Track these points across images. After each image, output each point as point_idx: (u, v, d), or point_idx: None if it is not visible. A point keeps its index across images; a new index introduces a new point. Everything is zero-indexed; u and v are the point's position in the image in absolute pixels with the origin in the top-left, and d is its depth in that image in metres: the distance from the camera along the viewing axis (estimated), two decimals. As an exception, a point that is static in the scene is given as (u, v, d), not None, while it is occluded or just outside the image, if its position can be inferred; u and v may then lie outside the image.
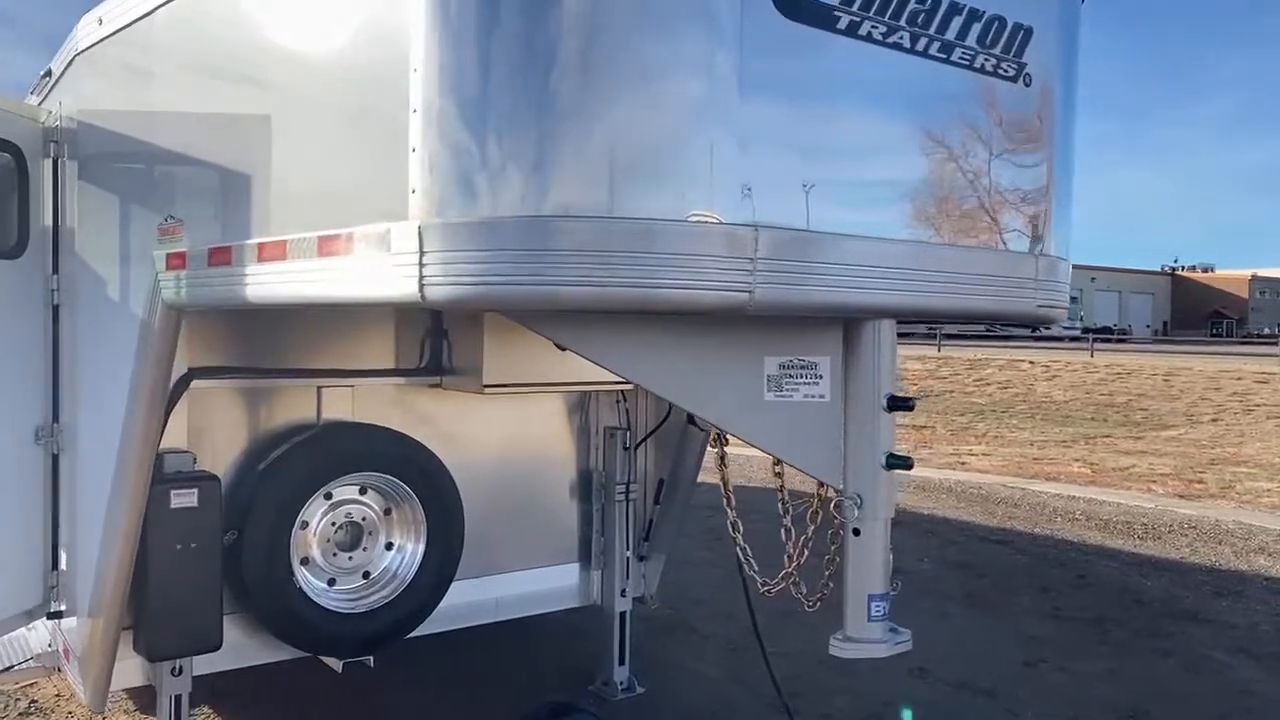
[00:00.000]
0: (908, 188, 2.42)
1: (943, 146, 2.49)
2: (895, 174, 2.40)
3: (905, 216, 2.41)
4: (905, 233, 2.37)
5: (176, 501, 3.52)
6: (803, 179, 2.24)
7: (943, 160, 2.49)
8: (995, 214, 2.58)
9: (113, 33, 3.44)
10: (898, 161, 2.42)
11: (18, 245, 3.85)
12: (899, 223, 2.39)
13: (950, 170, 2.49)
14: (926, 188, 2.46)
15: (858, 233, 2.26)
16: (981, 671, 5.37)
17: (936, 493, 10.79)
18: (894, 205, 2.37)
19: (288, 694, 4.62)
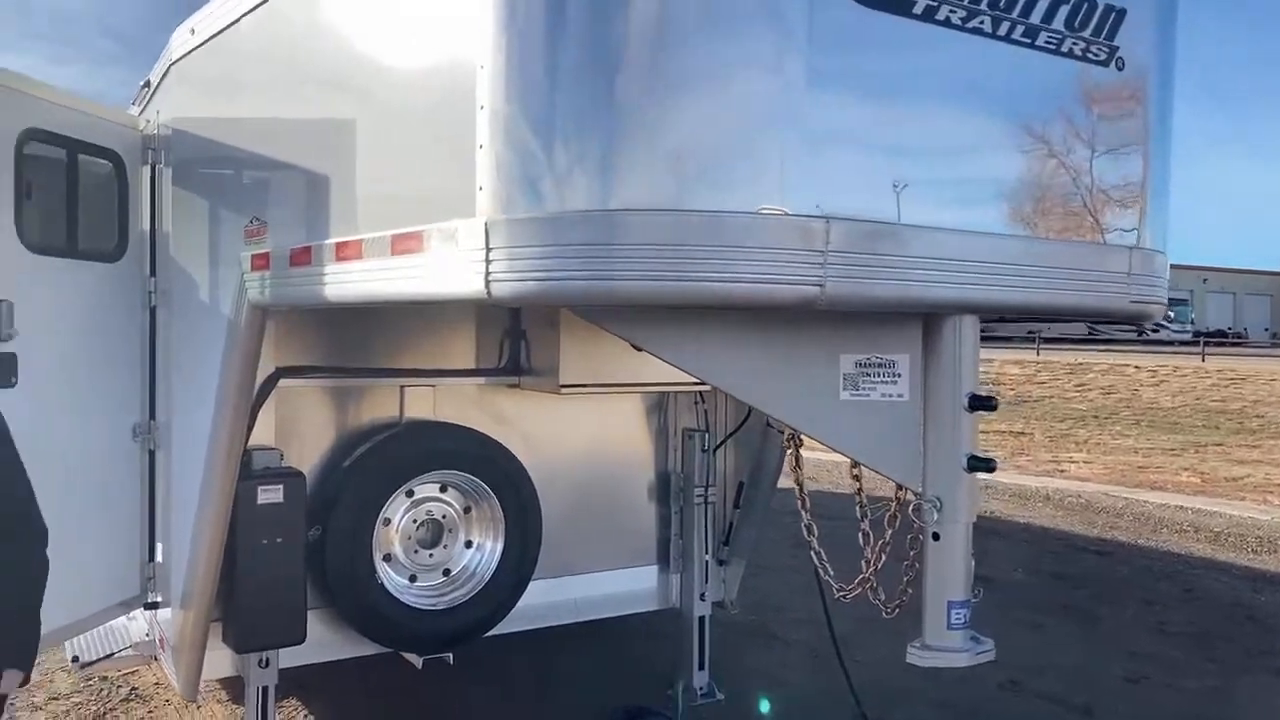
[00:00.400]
0: (988, 179, 2.32)
1: (1028, 135, 2.38)
2: (975, 165, 2.31)
3: (985, 208, 2.31)
4: (984, 225, 2.27)
5: (263, 497, 3.61)
6: (876, 170, 2.16)
7: (1027, 149, 2.38)
8: (1084, 205, 2.45)
9: (203, 42, 3.56)
10: (978, 151, 2.33)
11: (117, 249, 4.01)
12: (978, 214, 2.29)
13: (1035, 160, 2.38)
14: (1009, 179, 2.35)
15: (934, 225, 2.18)
16: (1078, 687, 5.15)
17: (1033, 501, 10.43)
18: (973, 196, 2.28)
19: (370, 690, 4.70)
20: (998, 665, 5.21)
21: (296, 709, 4.59)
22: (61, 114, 3.71)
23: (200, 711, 4.57)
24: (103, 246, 3.98)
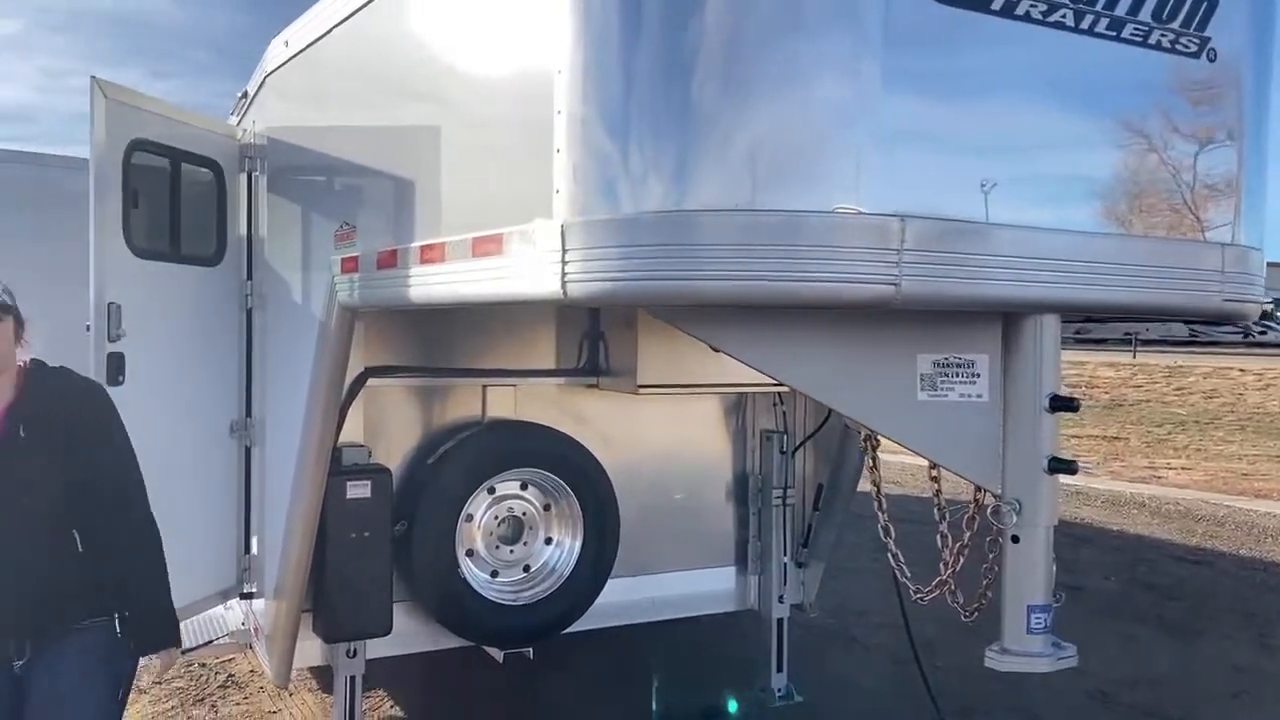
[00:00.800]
0: (1070, 175, 2.27)
1: (1112, 130, 2.33)
2: (1056, 161, 2.27)
3: (1067, 205, 2.27)
4: (1066, 222, 2.23)
5: (351, 492, 3.73)
6: (952, 169, 2.15)
7: (1112, 145, 2.33)
8: (1173, 201, 2.38)
9: (296, 54, 3.70)
10: (1059, 148, 2.28)
11: (217, 254, 4.19)
12: (1059, 212, 2.25)
13: (1120, 155, 2.33)
14: (1092, 175, 2.30)
15: (1012, 223, 2.15)
16: (1171, 700, 4.98)
17: (1127, 508, 10.10)
18: (1054, 193, 2.24)
19: (453, 683, 4.81)
20: (1087, 675, 5.14)
21: (383, 699, 4.73)
22: (165, 125, 3.90)
23: (292, 699, 4.74)
24: (203, 251, 4.17)
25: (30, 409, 2.40)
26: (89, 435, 2.46)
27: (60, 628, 2.44)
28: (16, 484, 2.34)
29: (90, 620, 2.46)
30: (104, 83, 3.55)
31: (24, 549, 2.38)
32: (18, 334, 2.42)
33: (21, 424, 2.37)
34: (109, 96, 3.57)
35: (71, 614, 2.45)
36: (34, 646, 2.42)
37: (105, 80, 3.55)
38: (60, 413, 2.43)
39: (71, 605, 2.45)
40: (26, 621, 2.41)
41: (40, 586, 2.41)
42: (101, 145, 3.54)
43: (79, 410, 2.48)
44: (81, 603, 2.47)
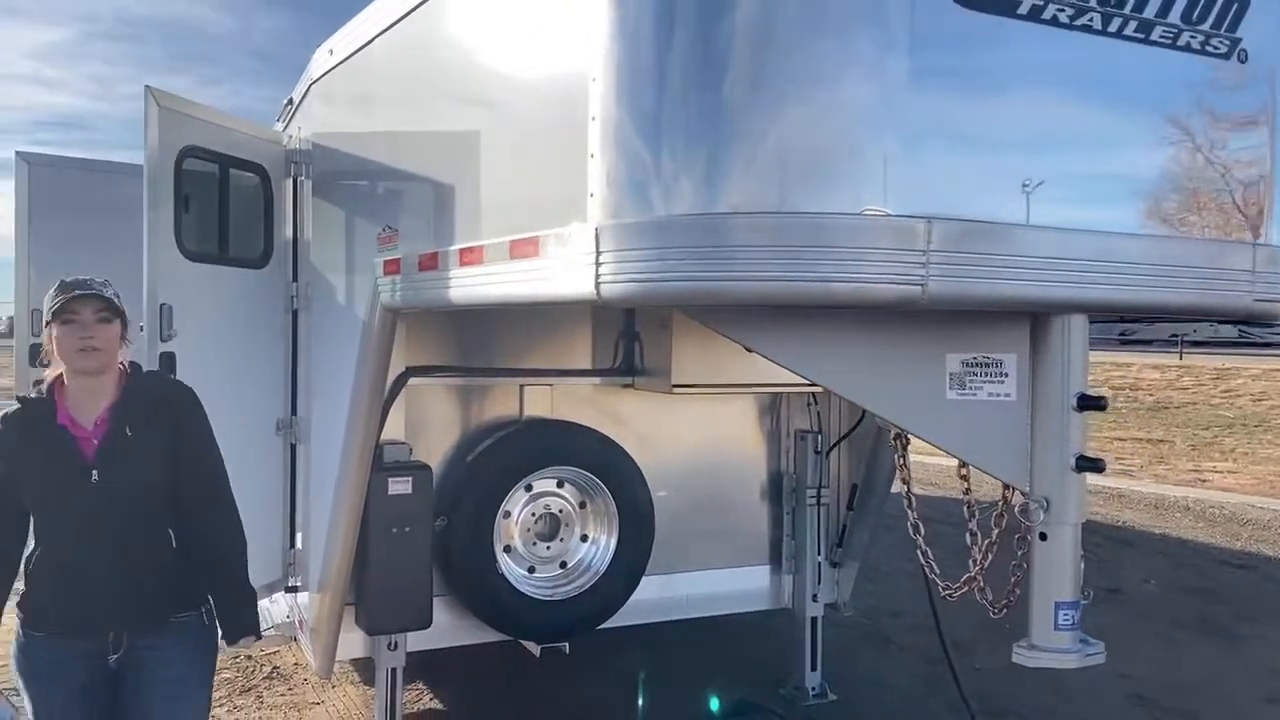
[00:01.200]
0: (1097, 176, 2.29)
1: (1141, 131, 2.34)
2: (1084, 162, 2.28)
3: (1093, 206, 2.29)
4: (1092, 223, 2.24)
5: (393, 489, 3.83)
6: (980, 171, 2.18)
7: (1140, 145, 2.34)
8: (1201, 201, 2.39)
9: (340, 61, 3.81)
10: (1087, 149, 2.30)
11: (264, 256, 4.32)
12: (1086, 212, 2.27)
13: (1148, 156, 2.34)
14: (1120, 176, 2.32)
15: (1039, 223, 2.17)
16: (1211, 705, 4.93)
17: (1171, 511, 9.96)
18: (1081, 194, 2.26)
19: (491, 677, 4.89)
20: (1126, 679, 5.12)
21: (423, 692, 4.82)
22: (215, 132, 4.03)
23: (335, 691, 4.85)
24: (250, 254, 4.30)
25: (132, 409, 2.45)
26: (186, 435, 2.53)
27: (156, 622, 2.49)
28: (120, 481, 2.39)
29: (184, 614, 2.54)
30: (157, 91, 3.68)
31: (124, 545, 2.43)
32: (123, 336, 2.48)
33: (127, 424, 2.42)
34: (162, 105, 3.70)
35: (167, 608, 2.51)
36: (130, 640, 2.47)
37: (158, 89, 3.68)
38: (161, 413, 2.49)
39: (167, 600, 2.51)
40: (124, 616, 2.46)
41: (138, 582, 2.45)
42: (154, 152, 3.67)
43: (177, 411, 2.54)
44: (176, 597, 2.53)
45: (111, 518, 2.40)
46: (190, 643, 2.55)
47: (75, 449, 2.39)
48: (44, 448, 2.40)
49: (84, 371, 2.41)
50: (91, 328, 2.38)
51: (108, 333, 2.41)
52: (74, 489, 2.38)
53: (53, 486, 2.40)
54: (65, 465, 2.39)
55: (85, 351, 2.38)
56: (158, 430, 2.46)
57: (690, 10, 2.20)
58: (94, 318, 2.39)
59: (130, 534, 2.43)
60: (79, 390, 2.44)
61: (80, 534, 2.41)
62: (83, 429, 2.41)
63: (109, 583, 2.42)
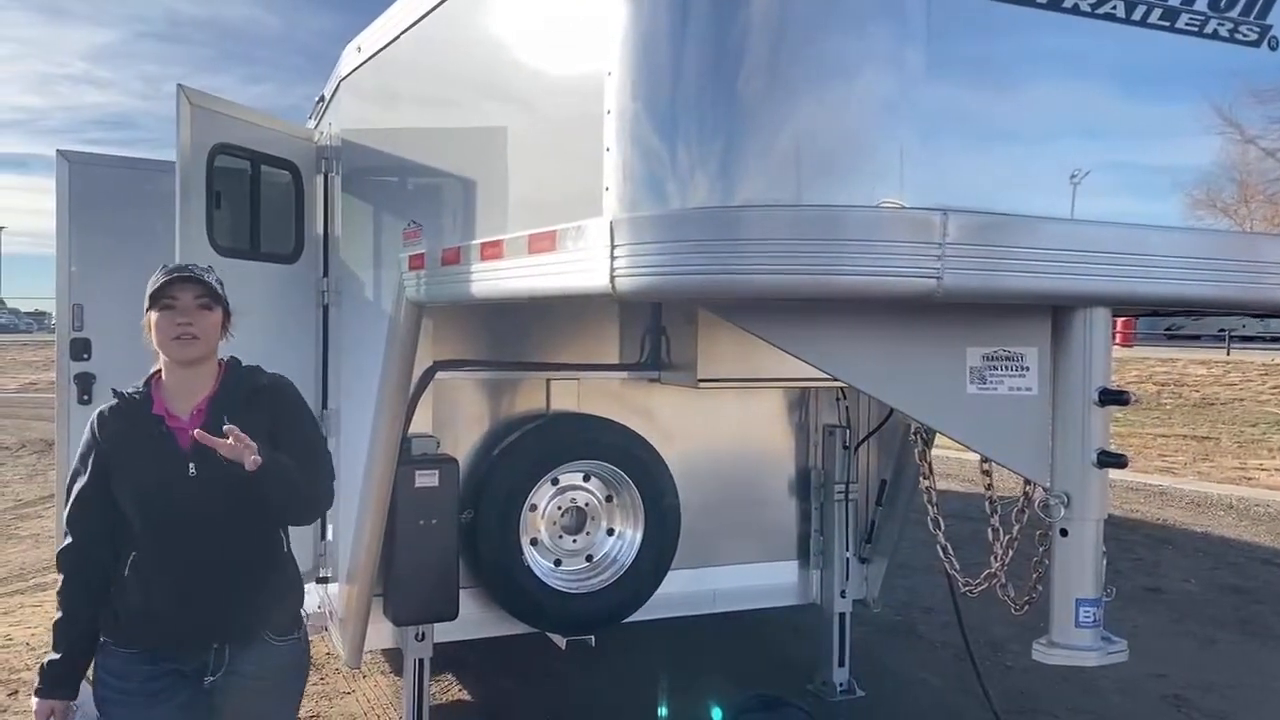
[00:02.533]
0: (1117, 167, 2.25)
1: (1166, 120, 2.30)
2: (1104, 153, 2.25)
3: (1116, 197, 2.25)
4: (1114, 214, 2.21)
5: (420, 481, 3.86)
6: (997, 163, 2.15)
7: (1166, 135, 2.30)
8: (1229, 192, 2.34)
9: (368, 58, 3.85)
10: (1108, 140, 2.26)
11: (295, 252, 4.37)
12: (1107, 204, 2.23)
13: (1172, 146, 2.30)
14: (1143, 167, 2.28)
15: (1057, 215, 2.14)
16: (1248, 707, 4.84)
17: (1214, 509, 9.77)
18: (1101, 185, 2.22)
19: (517, 668, 4.93)
20: (1163, 679, 5.04)
21: (451, 683, 4.87)
22: (246, 129, 4.08)
23: (365, 681, 4.91)
24: (281, 250, 4.35)
25: (230, 399, 2.31)
26: (285, 421, 2.37)
27: (259, 631, 2.33)
28: (218, 472, 2.16)
29: (286, 637, 2.38)
30: (189, 90, 3.74)
31: (226, 543, 2.27)
32: (224, 326, 2.36)
33: (225, 413, 2.23)
34: (194, 103, 3.76)
35: (273, 617, 2.35)
36: (231, 658, 2.31)
37: (190, 88, 3.74)
38: (260, 400, 2.35)
39: (273, 606, 2.35)
40: (228, 625, 2.30)
41: (243, 582, 2.29)
42: (186, 149, 3.73)
43: (275, 396, 2.40)
44: (282, 606, 2.38)
45: (211, 513, 2.24)
46: (289, 673, 2.41)
47: (172, 440, 2.25)
48: (140, 441, 2.26)
49: (180, 361, 2.28)
50: (190, 314, 2.26)
51: (207, 320, 2.29)
52: (172, 482, 2.23)
53: (150, 481, 2.24)
54: (162, 458, 2.24)
55: (182, 339, 2.25)
56: (256, 418, 2.26)
57: (705, 3, 2.20)
58: (194, 303, 2.26)
59: (232, 530, 2.26)
60: (176, 381, 2.31)
61: (179, 532, 2.24)
62: (179, 420, 2.27)
63: (212, 587, 2.26)
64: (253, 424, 2.20)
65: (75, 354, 5.49)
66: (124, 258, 5.48)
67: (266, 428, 2.26)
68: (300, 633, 2.45)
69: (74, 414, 5.53)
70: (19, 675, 4.92)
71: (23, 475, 11.26)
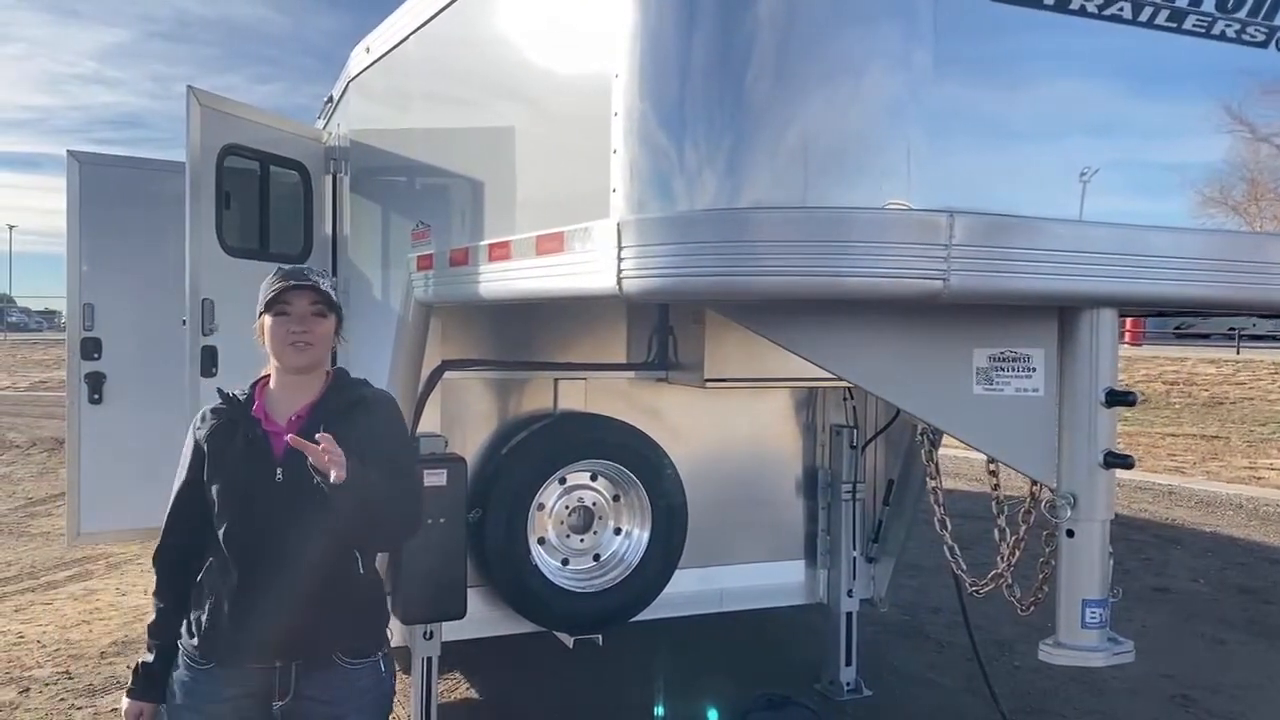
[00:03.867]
0: (1123, 168, 2.26)
1: (1173, 121, 2.30)
2: (1110, 154, 2.25)
3: (1122, 198, 2.25)
4: (1118, 215, 2.21)
5: (428, 480, 3.85)
6: (1003, 164, 2.16)
7: (1172, 136, 2.30)
8: (1236, 193, 2.34)
9: (376, 60, 3.87)
10: (1114, 141, 2.26)
11: (303, 251, 4.40)
12: (1112, 205, 2.23)
13: (1179, 147, 2.30)
14: (1150, 167, 2.29)
15: (1063, 216, 2.15)
16: (1257, 708, 4.83)
17: (1222, 509, 9.75)
18: (1107, 186, 2.22)
19: (525, 667, 4.95)
20: (1170, 679, 5.03)
21: (459, 681, 4.89)
22: (255, 130, 4.11)
23: (374, 678, 4.92)
24: (290, 249, 4.38)
25: (330, 409, 2.24)
26: (379, 436, 2.27)
27: (330, 652, 2.22)
28: (307, 482, 2.07)
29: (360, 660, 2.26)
30: (199, 91, 3.76)
31: (304, 556, 2.17)
32: (337, 333, 2.33)
33: (322, 423, 2.15)
34: (203, 104, 3.78)
35: (345, 638, 2.24)
36: (300, 682, 2.20)
37: (200, 89, 3.76)
38: (357, 413, 2.27)
39: (346, 628, 2.24)
40: (297, 642, 2.19)
41: (317, 600, 2.19)
42: (196, 150, 3.75)
43: (373, 409, 2.32)
44: (356, 628, 2.27)
45: (291, 522, 2.15)
46: (365, 700, 2.26)
47: (265, 444, 2.20)
48: (236, 442, 2.21)
49: (293, 368, 2.24)
50: (305, 321, 2.21)
51: (321, 328, 2.24)
52: (259, 487, 2.16)
53: (239, 483, 2.19)
54: (253, 461, 2.18)
55: (296, 346, 2.21)
56: (350, 431, 2.16)
57: (712, 3, 2.20)
58: (309, 310, 2.22)
59: (309, 543, 2.16)
60: (282, 387, 2.27)
61: (258, 541, 2.17)
62: (276, 425, 2.22)
63: (283, 602, 2.16)
64: (346, 434, 2.12)
65: (86, 353, 5.53)
66: (134, 257, 5.53)
67: (359, 440, 2.17)
68: (380, 656, 2.31)
69: (84, 413, 5.57)
70: (30, 673, 4.96)
71: (34, 473, 11.32)
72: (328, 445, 2.03)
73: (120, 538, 6.00)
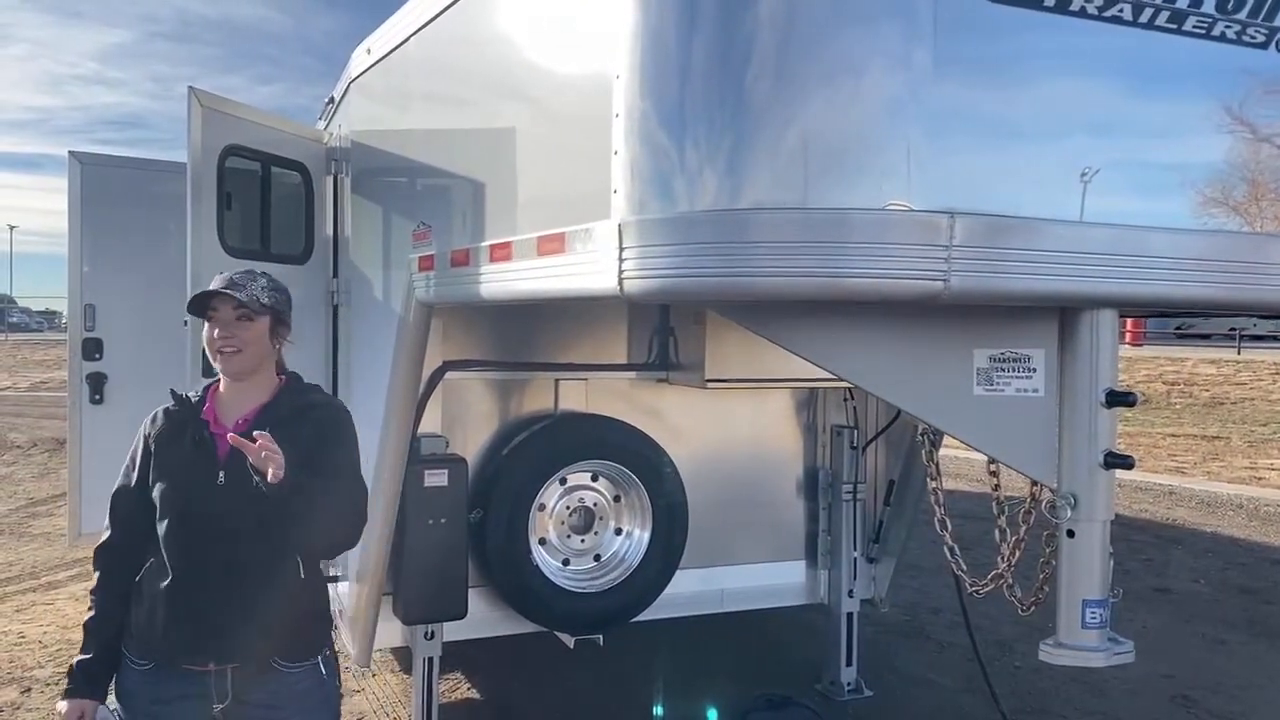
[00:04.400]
0: (1124, 168, 2.26)
1: (1173, 122, 2.31)
2: (1110, 154, 2.25)
3: (1121, 198, 2.25)
4: (1118, 216, 2.21)
5: (429, 480, 3.88)
6: (1003, 165, 2.16)
7: (1172, 136, 2.30)
8: (1236, 194, 2.35)
9: (377, 61, 3.87)
10: (1114, 141, 2.26)
11: (305, 252, 4.40)
12: (1112, 205, 2.23)
13: (1178, 148, 2.30)
14: (1150, 168, 2.29)
15: (1063, 217, 2.15)
16: (1257, 708, 4.83)
17: (1223, 509, 9.75)
18: (1107, 187, 2.22)
19: (525, 667, 4.95)
20: (1171, 679, 5.03)
21: (459, 681, 4.90)
22: (257, 131, 4.11)
23: (374, 679, 4.94)
24: (292, 250, 4.38)
25: (278, 414, 2.25)
26: (326, 443, 2.27)
27: (267, 658, 2.23)
28: (248, 485, 2.08)
29: (299, 663, 2.27)
30: (200, 92, 3.77)
31: (243, 560, 2.19)
32: (279, 335, 2.31)
33: (268, 427, 2.12)
34: (205, 105, 3.78)
35: (282, 643, 2.24)
36: (237, 686, 2.21)
37: (201, 90, 3.76)
38: (306, 419, 2.27)
39: (284, 634, 2.24)
40: (234, 646, 2.20)
41: (253, 605, 2.20)
42: (198, 151, 3.75)
43: (322, 417, 2.32)
44: (294, 633, 2.27)
45: (230, 526, 2.17)
46: (308, 702, 2.28)
47: (210, 446, 2.22)
48: (182, 442, 2.24)
49: (223, 373, 2.26)
50: (229, 326, 2.22)
51: (249, 332, 2.23)
52: (201, 489, 2.19)
53: (180, 483, 2.21)
54: (197, 463, 2.21)
55: (223, 352, 2.23)
56: (297, 436, 2.17)
57: (713, 3, 2.21)
58: (232, 315, 2.22)
59: (248, 547, 2.18)
60: (230, 390, 2.29)
61: (199, 542, 2.19)
62: (223, 427, 2.22)
63: (223, 602, 2.18)
64: (292, 439, 2.13)
65: (87, 354, 5.54)
66: (135, 258, 5.54)
67: (305, 447, 2.17)
68: (320, 660, 2.32)
69: (86, 413, 5.58)
70: (32, 673, 4.96)
71: (35, 474, 11.33)
72: (264, 443, 2.02)
73: (121, 538, 5.99)
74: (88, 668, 2.27)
